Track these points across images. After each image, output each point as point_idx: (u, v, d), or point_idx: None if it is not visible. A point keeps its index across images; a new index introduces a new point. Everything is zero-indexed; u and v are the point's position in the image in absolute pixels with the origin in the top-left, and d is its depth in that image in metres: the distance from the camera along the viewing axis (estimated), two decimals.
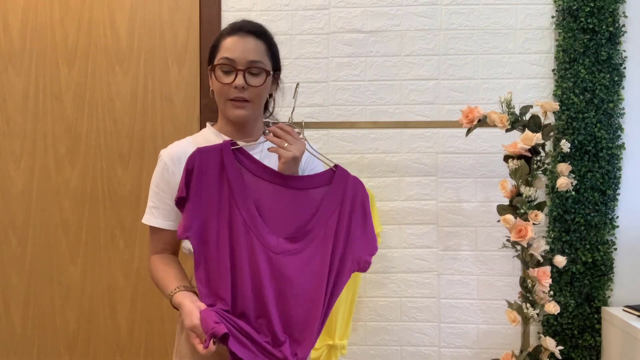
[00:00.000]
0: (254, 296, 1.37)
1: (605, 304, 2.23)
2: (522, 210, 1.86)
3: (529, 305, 1.87)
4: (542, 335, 2.08)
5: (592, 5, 2.20)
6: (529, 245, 1.88)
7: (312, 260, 1.40)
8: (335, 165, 1.48)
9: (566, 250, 2.22)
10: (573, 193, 2.21)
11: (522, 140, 1.86)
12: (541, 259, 1.89)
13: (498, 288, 2.28)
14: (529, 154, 1.88)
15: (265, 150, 1.48)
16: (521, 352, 1.93)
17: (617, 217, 2.24)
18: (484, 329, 2.30)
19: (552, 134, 1.90)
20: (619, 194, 2.23)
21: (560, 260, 1.91)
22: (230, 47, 1.46)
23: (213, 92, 1.53)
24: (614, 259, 2.24)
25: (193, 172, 1.40)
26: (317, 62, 2.32)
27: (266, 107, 1.61)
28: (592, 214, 2.22)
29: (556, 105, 1.90)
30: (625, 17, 2.23)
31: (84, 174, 2.38)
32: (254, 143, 1.51)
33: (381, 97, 2.31)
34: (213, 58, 1.50)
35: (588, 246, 2.22)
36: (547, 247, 1.93)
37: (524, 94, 2.27)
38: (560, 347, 1.93)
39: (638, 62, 2.24)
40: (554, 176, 2.15)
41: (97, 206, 2.38)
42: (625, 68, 2.23)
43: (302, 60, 2.32)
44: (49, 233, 2.39)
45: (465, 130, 1.97)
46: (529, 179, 1.88)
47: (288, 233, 1.41)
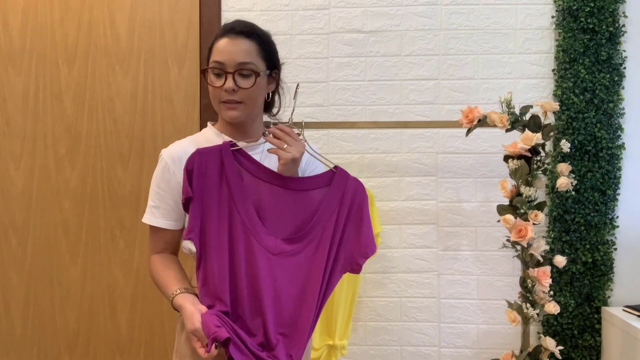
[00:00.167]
0: (252, 296, 1.37)
1: (605, 304, 2.23)
2: (522, 210, 1.86)
3: (529, 305, 1.87)
4: (542, 335, 2.08)
5: (592, 5, 2.20)
6: (529, 245, 1.88)
7: (310, 262, 1.40)
8: (335, 167, 1.48)
9: (566, 250, 2.22)
10: (573, 193, 2.21)
11: (522, 140, 1.86)
12: (541, 259, 1.89)
13: (498, 288, 2.28)
14: (529, 154, 1.88)
15: (266, 151, 1.48)
16: (521, 352, 1.93)
17: (617, 217, 2.24)
18: (484, 329, 2.30)
19: (552, 134, 1.90)
20: (619, 194, 2.23)
21: (560, 260, 1.91)
22: (221, 49, 1.47)
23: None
24: (614, 259, 2.24)
25: (193, 173, 1.40)
26: (317, 62, 2.32)
27: (269, 107, 1.62)
28: (592, 214, 2.22)
29: (556, 105, 1.90)
30: (625, 17, 2.23)
31: (84, 174, 2.38)
32: (254, 144, 1.51)
33: (381, 97, 2.31)
34: (209, 61, 1.51)
35: (588, 246, 2.22)
36: (547, 247, 1.93)
37: (524, 94, 2.27)
38: (560, 347, 1.93)
39: (638, 62, 2.24)
40: (554, 176, 2.15)
41: (97, 206, 2.38)
42: (625, 68, 2.23)
43: (302, 60, 2.32)
44: (49, 233, 2.39)
45: (465, 130, 1.97)
46: (529, 179, 1.88)
47: (286, 234, 1.41)
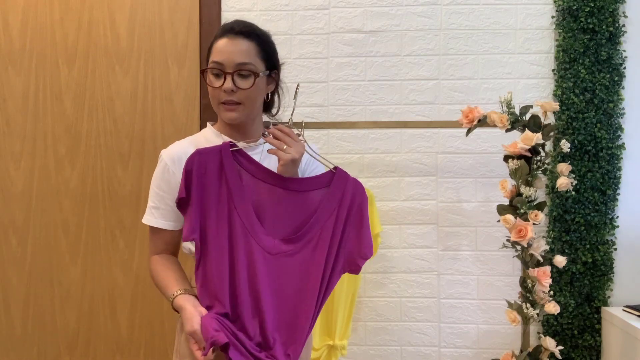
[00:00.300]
0: (250, 296, 1.37)
1: (605, 304, 2.23)
2: (522, 210, 1.86)
3: (529, 305, 1.87)
4: (542, 335, 2.08)
5: (592, 5, 2.20)
6: (529, 245, 1.88)
7: (308, 262, 1.40)
8: (335, 167, 1.48)
9: (566, 250, 2.22)
10: (573, 193, 2.21)
11: (522, 140, 1.86)
12: (541, 259, 1.89)
13: (498, 288, 2.28)
14: (529, 154, 1.88)
15: (265, 151, 1.48)
16: (521, 352, 1.93)
17: (617, 217, 2.24)
18: (484, 329, 2.30)
19: (552, 134, 1.90)
20: (619, 194, 2.23)
21: (560, 260, 1.91)
22: (220, 50, 1.47)
23: None
24: (614, 259, 2.24)
25: (192, 173, 1.39)
26: (317, 62, 2.32)
27: (269, 107, 1.61)
28: (592, 214, 2.22)
29: (556, 105, 1.90)
30: (625, 17, 2.23)
31: (84, 174, 2.38)
32: (254, 144, 1.51)
33: (381, 97, 2.31)
34: (208, 61, 1.51)
35: (588, 246, 2.22)
36: (547, 247, 1.93)
37: (524, 94, 2.26)
38: (560, 347, 1.93)
39: (638, 62, 2.24)
40: (554, 176, 2.15)
41: (97, 206, 2.38)
42: (625, 68, 2.23)
43: (302, 60, 2.32)
44: (49, 233, 2.39)
45: (465, 130, 1.97)
46: (529, 179, 1.88)
47: (285, 235, 1.41)
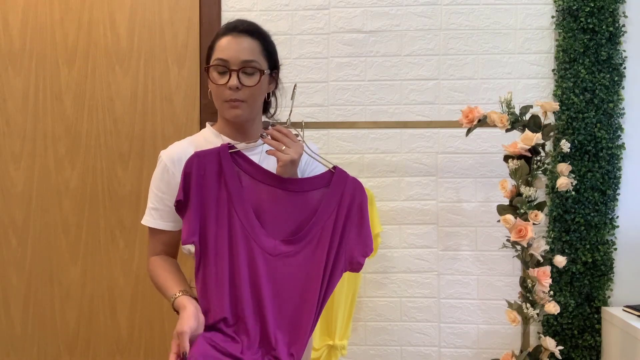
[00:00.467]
0: (252, 298, 1.37)
1: (605, 304, 2.23)
2: (522, 210, 1.86)
3: (529, 305, 1.87)
4: (542, 335, 2.08)
5: (592, 5, 2.20)
6: (529, 245, 1.88)
7: (309, 263, 1.40)
8: (334, 167, 1.48)
9: (566, 250, 2.22)
10: (573, 193, 2.21)
11: (522, 140, 1.86)
12: (541, 259, 1.89)
13: (498, 288, 2.28)
14: (529, 154, 1.88)
15: (264, 152, 1.48)
16: (521, 352, 1.93)
17: (617, 217, 2.24)
18: (484, 329, 2.30)
19: (552, 134, 1.90)
20: (619, 194, 2.23)
21: (560, 260, 1.91)
22: (224, 47, 1.46)
23: (211, 93, 1.53)
24: (614, 259, 2.24)
25: (191, 176, 1.39)
26: (317, 62, 2.32)
27: (267, 108, 1.61)
28: (592, 214, 2.22)
29: (556, 105, 1.90)
30: (625, 17, 2.23)
31: (84, 174, 2.38)
32: (253, 145, 1.50)
33: (381, 97, 2.31)
34: (209, 59, 1.50)
35: (588, 246, 2.22)
36: (547, 247, 1.92)
37: (524, 94, 2.26)
38: (560, 347, 1.93)
39: (638, 62, 2.24)
40: (554, 176, 2.15)
41: (97, 206, 2.38)
42: (625, 68, 2.23)
43: (302, 60, 2.32)
44: (49, 233, 2.39)
45: (465, 130, 1.97)
46: (529, 179, 1.88)
47: (285, 235, 1.41)
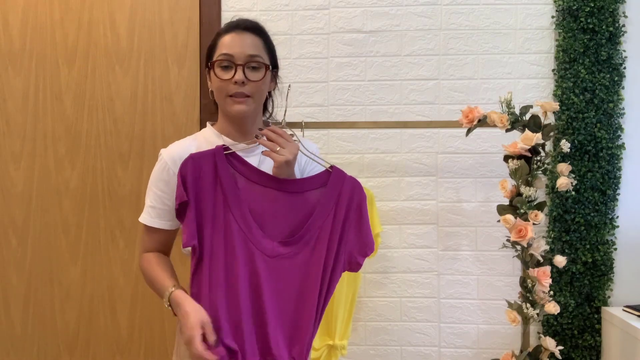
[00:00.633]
0: (251, 301, 1.36)
1: (605, 304, 2.23)
2: (522, 210, 1.86)
3: (529, 305, 1.87)
4: (542, 335, 2.08)
5: (592, 5, 2.20)
6: (529, 245, 1.88)
7: (308, 263, 1.39)
8: (331, 167, 1.47)
9: (566, 250, 2.22)
10: (573, 193, 2.21)
11: (522, 140, 1.86)
12: (541, 259, 1.89)
13: (498, 288, 2.28)
14: (529, 154, 1.88)
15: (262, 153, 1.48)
16: (521, 352, 1.93)
17: (617, 217, 2.24)
18: (484, 329, 2.30)
19: (552, 134, 1.90)
20: (619, 194, 2.23)
21: (560, 260, 1.91)
22: (229, 43, 1.46)
23: (212, 93, 1.52)
24: (614, 259, 2.24)
25: (187, 178, 1.39)
26: (317, 62, 2.32)
27: (265, 108, 1.61)
28: (592, 214, 2.22)
29: (556, 105, 1.90)
30: (625, 17, 2.23)
31: (84, 174, 2.38)
32: (247, 147, 1.49)
33: (381, 97, 2.31)
34: (211, 57, 1.49)
35: (588, 246, 2.22)
36: (547, 247, 1.92)
37: (524, 94, 2.26)
38: (560, 347, 1.93)
39: (638, 62, 2.24)
40: (554, 176, 2.15)
41: (97, 206, 2.38)
42: (625, 68, 2.23)
43: (302, 60, 2.32)
44: (49, 233, 2.39)
45: (465, 130, 1.97)
46: (529, 179, 1.88)
47: (283, 237, 1.40)
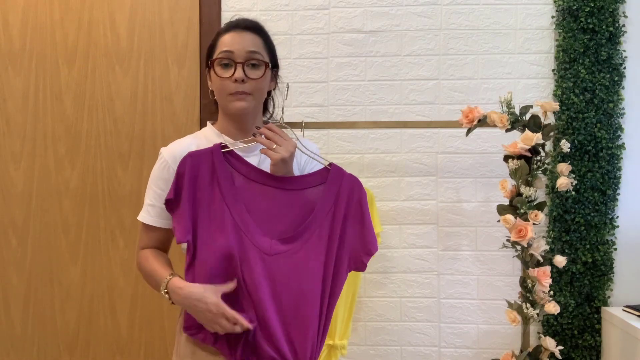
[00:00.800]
0: (251, 299, 1.36)
1: (605, 304, 2.23)
2: (522, 210, 1.86)
3: (529, 305, 1.87)
4: (542, 335, 2.08)
5: (592, 5, 2.20)
6: (529, 245, 1.88)
7: (307, 261, 1.39)
8: (330, 164, 1.47)
9: (566, 250, 2.22)
10: (573, 193, 2.21)
11: (522, 140, 1.86)
12: (541, 259, 1.89)
13: (498, 288, 2.28)
14: (529, 154, 1.88)
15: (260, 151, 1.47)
16: (521, 352, 1.93)
17: (617, 217, 2.23)
18: (484, 329, 2.30)
19: (552, 134, 1.90)
20: (619, 194, 2.23)
21: (560, 260, 1.91)
22: (229, 42, 1.46)
23: (212, 92, 1.52)
24: (614, 259, 2.24)
25: (184, 176, 1.39)
26: (317, 62, 2.32)
27: (266, 107, 1.61)
28: (592, 214, 2.22)
29: (556, 105, 1.90)
30: (625, 17, 2.23)
31: (84, 174, 2.38)
32: (245, 145, 1.49)
33: (381, 97, 2.31)
34: (211, 56, 1.49)
35: (588, 246, 2.22)
36: (547, 247, 1.93)
37: (524, 94, 2.26)
38: (560, 347, 1.93)
39: (638, 62, 2.24)
40: (554, 176, 2.15)
41: (97, 206, 2.38)
42: (625, 68, 2.23)
43: (302, 60, 2.32)
44: (49, 233, 2.39)
45: (465, 130, 1.97)
46: (529, 179, 1.88)
47: (282, 234, 1.40)
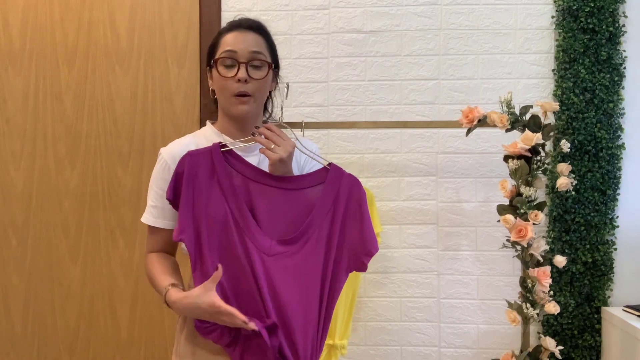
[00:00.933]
0: (251, 299, 1.36)
1: (605, 304, 2.23)
2: (522, 210, 1.86)
3: (529, 305, 1.87)
4: (542, 335, 2.08)
5: (592, 5, 2.20)
6: (529, 245, 1.88)
7: (307, 262, 1.38)
8: (329, 164, 1.47)
9: (566, 250, 2.22)
10: (573, 193, 2.21)
11: (522, 140, 1.86)
12: (541, 259, 1.89)
13: (498, 288, 2.28)
14: (529, 154, 1.88)
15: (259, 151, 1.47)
16: (521, 352, 1.93)
17: (617, 217, 2.24)
18: (484, 329, 2.30)
19: (552, 134, 1.90)
20: (619, 194, 2.23)
21: (560, 260, 1.91)
22: (231, 41, 1.46)
23: (213, 92, 1.52)
24: (614, 259, 2.24)
25: (183, 175, 1.38)
26: (317, 62, 2.32)
27: (265, 107, 1.61)
28: (592, 214, 2.22)
29: (556, 105, 1.90)
30: (625, 17, 2.23)
31: (84, 174, 2.38)
32: (244, 145, 1.48)
33: (381, 97, 2.31)
34: (213, 56, 1.49)
35: (588, 246, 2.22)
36: (547, 247, 1.93)
37: (524, 94, 2.26)
38: (560, 347, 1.93)
39: (638, 62, 2.24)
40: (554, 176, 2.15)
41: (97, 206, 2.38)
42: (625, 68, 2.23)
43: (302, 60, 2.32)
44: (49, 233, 2.39)
45: (465, 130, 1.97)
46: (529, 179, 1.88)
47: (282, 235, 1.39)
